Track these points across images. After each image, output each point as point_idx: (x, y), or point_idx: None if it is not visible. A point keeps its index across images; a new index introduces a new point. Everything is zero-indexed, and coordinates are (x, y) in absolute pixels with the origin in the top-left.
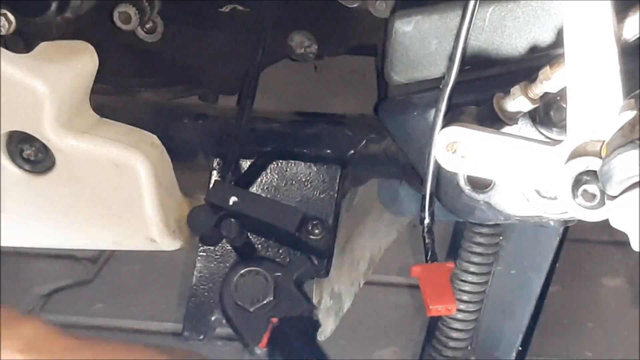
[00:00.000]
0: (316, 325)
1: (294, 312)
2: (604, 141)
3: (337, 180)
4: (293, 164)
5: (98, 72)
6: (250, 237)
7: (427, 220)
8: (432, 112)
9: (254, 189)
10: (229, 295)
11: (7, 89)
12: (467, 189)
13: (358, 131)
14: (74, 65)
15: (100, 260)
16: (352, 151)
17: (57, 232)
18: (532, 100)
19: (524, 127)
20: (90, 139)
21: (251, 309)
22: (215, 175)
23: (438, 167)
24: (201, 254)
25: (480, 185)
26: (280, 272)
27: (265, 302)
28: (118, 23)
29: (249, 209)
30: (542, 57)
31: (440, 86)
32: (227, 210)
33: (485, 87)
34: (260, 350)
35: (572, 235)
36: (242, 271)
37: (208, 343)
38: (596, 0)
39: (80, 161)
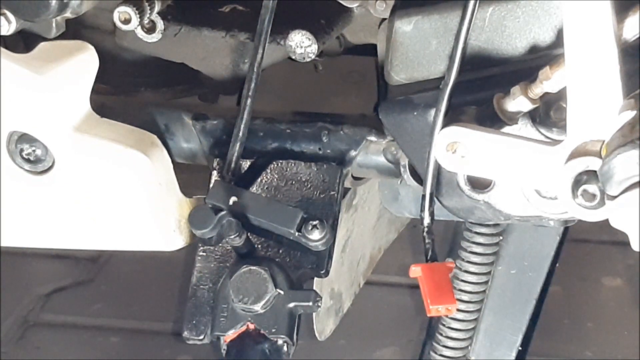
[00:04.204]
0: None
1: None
2: (604, 141)
3: (337, 180)
4: (293, 164)
5: (98, 72)
6: (250, 237)
7: (427, 220)
8: (432, 112)
9: (254, 189)
10: (227, 295)
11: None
12: (467, 189)
13: (358, 131)
14: (74, 65)
15: (100, 260)
16: (352, 151)
17: (57, 232)
18: (532, 100)
19: (524, 127)
20: (90, 139)
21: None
22: (215, 175)
23: (438, 167)
24: (201, 254)
25: (480, 185)
26: (280, 273)
27: (264, 301)
28: (118, 23)
29: (249, 209)
30: (542, 57)
31: (440, 86)
32: (227, 210)
33: (485, 87)
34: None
35: (572, 235)
36: (242, 271)
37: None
38: (596, 0)
39: (80, 161)
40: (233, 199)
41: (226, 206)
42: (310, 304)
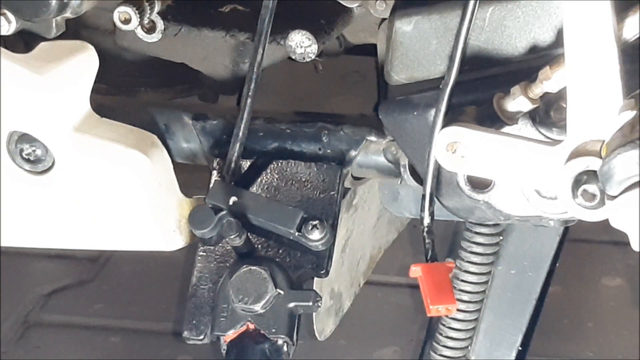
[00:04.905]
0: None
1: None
2: (604, 141)
3: (337, 180)
4: (293, 164)
5: (98, 72)
6: (250, 237)
7: (427, 220)
8: (432, 112)
9: (254, 189)
10: (227, 295)
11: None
12: (467, 189)
13: (358, 131)
14: (74, 65)
15: (100, 260)
16: (352, 151)
17: (57, 232)
18: (532, 100)
19: (524, 127)
20: (90, 139)
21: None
22: (215, 175)
23: (438, 167)
24: (201, 254)
25: (480, 185)
26: (280, 273)
27: (264, 301)
28: (118, 23)
29: (249, 209)
30: (542, 57)
31: (440, 86)
32: (227, 210)
33: (485, 87)
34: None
35: (572, 235)
36: (242, 271)
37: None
38: (596, 0)
39: (80, 161)
40: (233, 199)
41: (226, 206)
42: (310, 304)
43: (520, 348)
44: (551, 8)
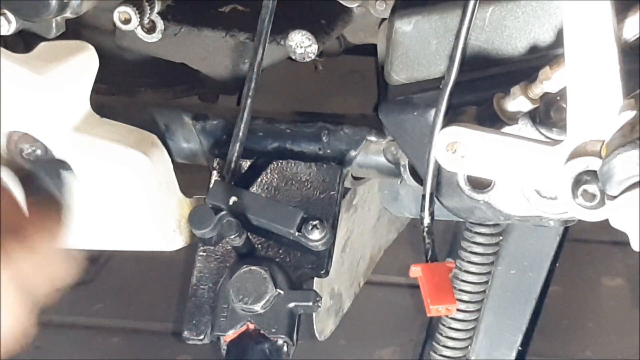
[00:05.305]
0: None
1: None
2: (604, 141)
3: (337, 180)
4: (293, 164)
5: (98, 72)
6: (250, 237)
7: (427, 220)
8: (432, 112)
9: (254, 189)
10: (227, 295)
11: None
12: (467, 189)
13: (358, 131)
14: (74, 65)
15: (100, 260)
16: (352, 151)
17: None
18: (532, 100)
19: (524, 127)
20: (90, 139)
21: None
22: (215, 175)
23: (438, 167)
24: (201, 254)
25: (480, 185)
26: (280, 273)
27: (264, 301)
28: (118, 23)
29: (249, 209)
30: (542, 57)
31: (440, 86)
32: (227, 210)
33: (485, 87)
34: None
35: (572, 235)
36: (242, 271)
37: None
38: (596, 0)
39: (80, 161)
40: (233, 199)
41: (226, 206)
42: (310, 304)
43: (520, 348)
44: (551, 8)
